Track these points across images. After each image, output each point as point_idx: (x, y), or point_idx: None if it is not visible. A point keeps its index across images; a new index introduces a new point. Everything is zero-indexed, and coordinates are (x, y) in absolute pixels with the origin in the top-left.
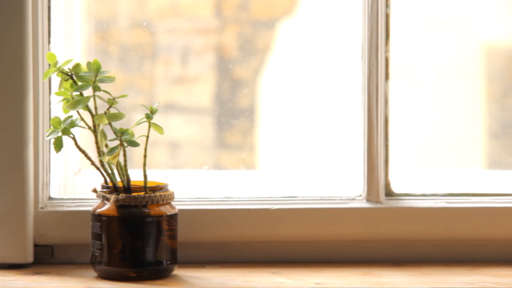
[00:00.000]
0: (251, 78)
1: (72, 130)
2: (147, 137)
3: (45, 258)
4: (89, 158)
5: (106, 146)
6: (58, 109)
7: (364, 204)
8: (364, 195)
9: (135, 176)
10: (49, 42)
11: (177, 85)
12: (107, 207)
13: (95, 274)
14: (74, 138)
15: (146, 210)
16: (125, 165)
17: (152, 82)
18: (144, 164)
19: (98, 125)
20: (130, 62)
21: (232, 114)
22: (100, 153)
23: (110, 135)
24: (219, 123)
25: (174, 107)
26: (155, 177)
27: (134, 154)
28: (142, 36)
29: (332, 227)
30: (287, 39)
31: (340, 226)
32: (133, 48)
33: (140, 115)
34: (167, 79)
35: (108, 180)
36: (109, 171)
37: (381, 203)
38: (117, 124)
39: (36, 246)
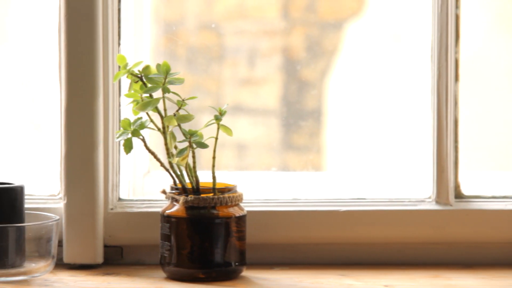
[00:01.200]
0: (318, 79)
1: (141, 131)
2: (216, 138)
3: (115, 258)
4: (158, 160)
5: (175, 147)
6: (128, 111)
7: (433, 206)
8: (433, 197)
9: (203, 178)
10: (119, 44)
11: (244, 87)
12: (176, 208)
13: (164, 275)
14: (143, 140)
15: (215, 212)
16: (194, 167)
17: (219, 84)
18: (213, 166)
19: (168, 126)
20: (198, 64)
21: (299, 116)
22: (169, 154)
23: (179, 136)
24: (286, 124)
25: (241, 109)
26: (222, 179)
27: (202, 156)
28: (209, 38)
29: (401, 229)
30: (354, 40)
31: (409, 228)
32: (201, 50)
33: (207, 117)
34: (234, 81)
35: (177, 181)
36: (178, 173)
37: (451, 205)
38: (186, 126)
39: (106, 246)
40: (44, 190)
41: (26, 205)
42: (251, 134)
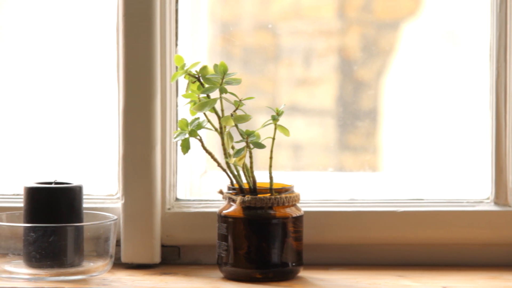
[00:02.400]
0: (374, 79)
1: (199, 132)
2: (273, 139)
3: (172, 258)
4: (215, 160)
5: (233, 148)
6: (185, 111)
7: (492, 207)
8: (492, 197)
9: (260, 178)
10: (176, 44)
11: (300, 87)
12: (233, 208)
13: (221, 275)
14: (201, 140)
15: (272, 212)
16: (251, 167)
17: (275, 84)
18: (270, 166)
19: (225, 127)
20: (253, 64)
21: (355, 116)
22: (226, 154)
23: (236, 136)
24: (343, 125)
25: (297, 109)
26: (278, 179)
27: (258, 156)
28: (265, 38)
29: (459, 230)
30: (411, 40)
31: (467, 229)
32: (256, 50)
33: (263, 117)
34: (290, 81)
35: (234, 181)
36: (235, 173)
37: (510, 206)
38: (242, 126)
39: (163, 246)
40: (102, 190)
41: (84, 205)
42: (307, 134)
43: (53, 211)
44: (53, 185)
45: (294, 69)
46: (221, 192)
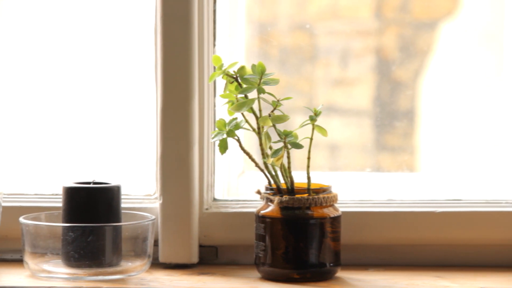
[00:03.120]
0: (412, 80)
1: (236, 132)
2: (311, 139)
3: (210, 258)
4: (253, 160)
5: (270, 148)
6: (223, 112)
7: None
8: None
9: (297, 178)
10: (214, 45)
11: (337, 87)
12: (271, 208)
13: (258, 275)
14: (238, 140)
15: (310, 212)
16: (289, 167)
17: (311, 84)
18: (308, 166)
19: (263, 127)
20: (290, 64)
21: (392, 116)
22: (264, 155)
23: (274, 137)
24: (380, 125)
25: (334, 109)
26: (315, 179)
27: (295, 156)
28: (302, 38)
29: (497, 231)
30: (449, 40)
31: (506, 229)
32: (293, 50)
33: (300, 117)
34: (327, 81)
35: (272, 182)
36: (273, 173)
37: None
38: (280, 126)
39: (201, 246)
40: (140, 190)
41: (122, 205)
42: (343, 134)
43: (91, 211)
44: (91, 185)
45: (331, 69)
46: (259, 192)
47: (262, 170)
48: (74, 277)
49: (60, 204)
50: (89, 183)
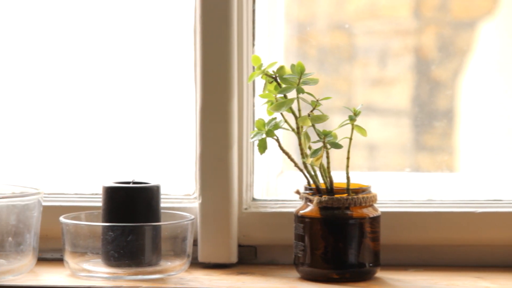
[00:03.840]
0: (451, 79)
1: (275, 132)
2: (350, 139)
3: (249, 258)
4: (292, 160)
5: (309, 148)
6: (262, 111)
7: None
8: None
9: (336, 178)
10: (253, 45)
11: (375, 87)
12: (310, 208)
13: (298, 275)
14: (277, 140)
15: (349, 212)
16: (328, 167)
17: (350, 84)
18: (347, 166)
19: (302, 127)
20: (328, 64)
21: (432, 116)
22: (303, 155)
23: (313, 137)
24: (419, 125)
25: (372, 109)
26: (354, 179)
27: (333, 156)
28: (340, 38)
29: None
30: (488, 39)
31: None
32: (332, 50)
33: (338, 117)
34: (365, 81)
35: (311, 181)
36: (312, 173)
37: None
38: (319, 126)
39: (240, 246)
40: (179, 189)
41: (161, 205)
42: (382, 134)
43: (131, 211)
44: (131, 185)
45: (370, 69)
46: (298, 192)
47: (301, 170)
48: (114, 277)
49: (100, 204)
50: (128, 182)
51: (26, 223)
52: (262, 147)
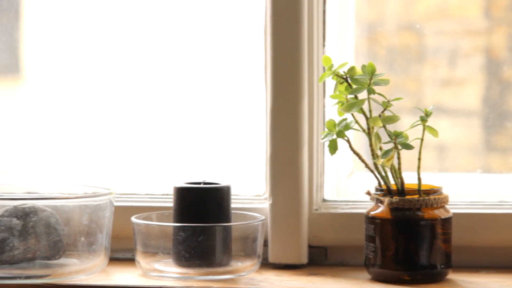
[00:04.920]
0: None
1: (346, 132)
2: (422, 140)
3: (319, 259)
4: (363, 161)
5: (380, 148)
6: (332, 112)
7: None
8: None
9: (407, 179)
10: (323, 45)
11: (445, 87)
12: (381, 209)
13: (368, 276)
14: (348, 141)
15: (420, 213)
16: (399, 168)
17: (418, 85)
18: (419, 167)
19: (373, 127)
20: (397, 65)
21: (503, 117)
22: (374, 155)
23: (384, 137)
24: (490, 126)
25: (442, 110)
26: (424, 180)
27: (402, 157)
28: (409, 38)
29: None
30: None
31: None
32: (401, 50)
33: (407, 118)
34: (434, 81)
35: (382, 182)
36: (383, 174)
37: None
38: (390, 127)
39: (310, 247)
40: (250, 190)
41: (232, 205)
42: (452, 135)
43: (202, 211)
44: (202, 185)
45: (439, 70)
46: (368, 193)
47: (372, 171)
48: (185, 277)
49: (171, 204)
50: (199, 183)
51: (98, 223)
52: (333, 147)
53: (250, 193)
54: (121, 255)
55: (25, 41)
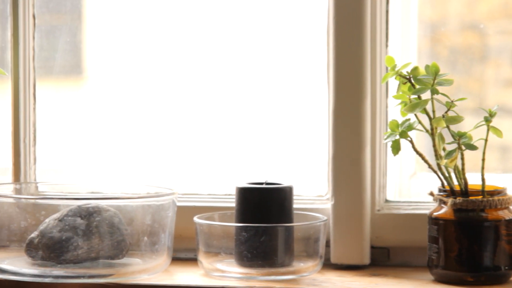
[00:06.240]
0: None
1: (409, 133)
2: (486, 140)
3: (381, 260)
4: (426, 161)
5: (444, 149)
6: (394, 112)
7: None
8: None
9: (470, 180)
10: (386, 45)
11: (508, 87)
12: (444, 210)
13: (431, 277)
14: (411, 141)
15: (484, 214)
16: (463, 169)
17: (481, 85)
18: (483, 168)
19: (436, 128)
20: (459, 64)
21: None
22: (437, 156)
23: (447, 138)
24: None
25: (505, 110)
26: (487, 181)
27: (466, 158)
28: (472, 38)
29: None
30: None
31: None
32: (463, 50)
33: (469, 118)
34: (497, 81)
35: (445, 183)
36: (447, 175)
37: None
38: (453, 127)
39: (372, 248)
40: (311, 190)
41: (294, 206)
42: None
43: (264, 211)
44: (264, 186)
45: (502, 70)
46: (432, 194)
47: (435, 172)
48: (247, 277)
49: (233, 204)
50: (261, 183)
51: (161, 223)
52: (396, 148)
53: (312, 193)
54: (183, 255)
55: (87, 42)
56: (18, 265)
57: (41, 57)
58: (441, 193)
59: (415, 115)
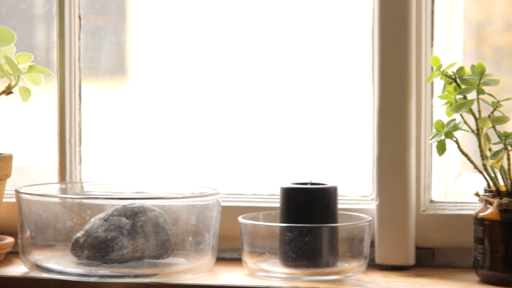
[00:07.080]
0: None
1: (454, 133)
2: None
3: (426, 260)
4: (472, 162)
5: (490, 149)
6: (440, 113)
7: None
8: None
9: None
10: (432, 45)
11: None
12: (490, 211)
13: (477, 278)
14: (457, 141)
15: None
16: (509, 169)
17: None
18: None
19: (482, 128)
20: (504, 64)
21: None
22: (483, 156)
23: (493, 138)
24: None
25: None
26: None
27: None
28: None
29: None
30: None
31: None
32: (508, 51)
33: None
34: None
35: (491, 184)
36: (492, 175)
37: None
38: (500, 128)
39: (417, 248)
40: (356, 191)
41: (338, 206)
42: None
43: (308, 211)
44: (309, 186)
45: None
46: (477, 194)
47: (481, 172)
48: (291, 277)
49: (277, 204)
50: (306, 183)
51: (206, 223)
52: (441, 148)
53: (357, 193)
54: (228, 255)
55: (131, 43)
56: (64, 264)
57: (87, 57)
58: (487, 194)
59: (461, 115)
